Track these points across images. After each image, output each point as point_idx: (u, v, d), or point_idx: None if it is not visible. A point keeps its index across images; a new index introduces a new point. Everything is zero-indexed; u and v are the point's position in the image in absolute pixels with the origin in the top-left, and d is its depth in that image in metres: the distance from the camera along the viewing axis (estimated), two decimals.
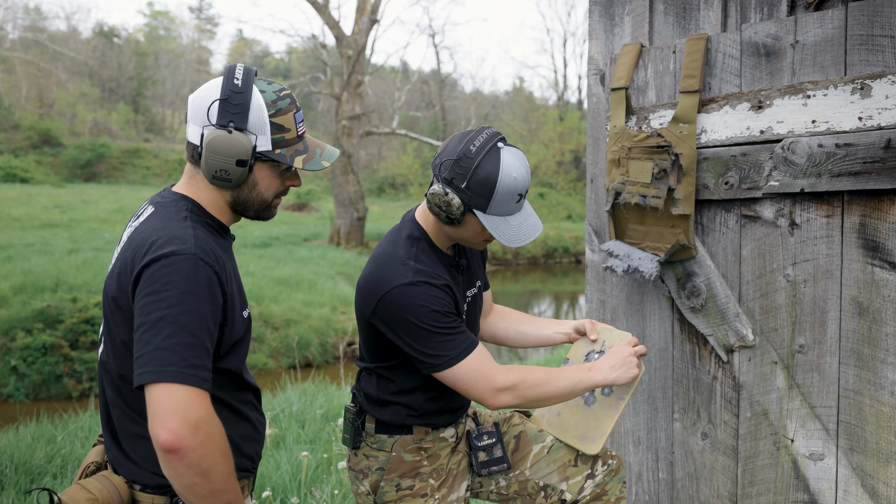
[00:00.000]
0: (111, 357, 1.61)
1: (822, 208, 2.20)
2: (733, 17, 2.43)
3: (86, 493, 1.55)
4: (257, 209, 1.72)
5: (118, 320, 1.57)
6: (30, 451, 4.79)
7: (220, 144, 1.58)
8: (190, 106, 1.64)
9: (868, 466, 2.14)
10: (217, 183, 1.63)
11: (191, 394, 1.42)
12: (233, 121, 1.60)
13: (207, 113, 1.61)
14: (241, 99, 1.61)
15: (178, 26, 58.60)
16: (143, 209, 1.70)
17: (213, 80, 1.66)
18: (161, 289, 1.46)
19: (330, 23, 20.36)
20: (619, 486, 2.21)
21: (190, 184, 1.69)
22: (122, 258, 1.57)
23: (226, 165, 1.60)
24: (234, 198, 1.69)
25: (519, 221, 1.92)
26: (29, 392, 9.78)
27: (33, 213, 21.64)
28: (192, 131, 1.63)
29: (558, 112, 38.22)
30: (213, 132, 1.59)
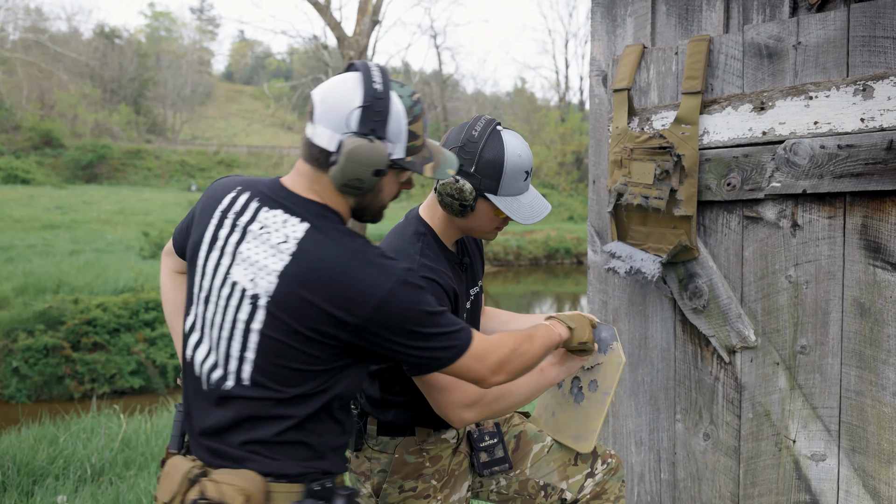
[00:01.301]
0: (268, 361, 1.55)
1: (825, 209, 2.20)
2: (735, 19, 2.43)
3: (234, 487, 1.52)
4: (374, 213, 1.70)
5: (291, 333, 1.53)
6: (32, 453, 4.80)
7: (362, 154, 1.52)
8: (320, 106, 1.57)
9: (870, 467, 2.14)
10: (346, 190, 1.58)
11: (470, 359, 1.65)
12: (375, 129, 1.54)
13: (348, 119, 1.54)
14: (383, 106, 1.55)
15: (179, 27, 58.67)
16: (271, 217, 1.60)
17: (346, 80, 1.58)
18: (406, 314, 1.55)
19: (331, 24, 20.37)
20: (618, 485, 2.21)
21: (314, 189, 1.61)
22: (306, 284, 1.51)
23: (362, 175, 1.54)
24: (357, 204, 1.65)
25: (529, 200, 1.96)
26: (31, 393, 9.80)
27: (34, 215, 21.66)
28: (323, 135, 1.56)
29: (560, 113, 38.24)
30: (354, 140, 1.52)
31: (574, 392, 2.21)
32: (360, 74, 1.57)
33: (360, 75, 1.58)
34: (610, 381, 2.12)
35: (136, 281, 12.54)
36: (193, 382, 1.65)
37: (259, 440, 1.57)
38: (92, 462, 4.75)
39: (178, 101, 47.97)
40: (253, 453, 1.57)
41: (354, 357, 1.61)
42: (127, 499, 4.09)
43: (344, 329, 1.52)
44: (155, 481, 4.34)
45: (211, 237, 1.64)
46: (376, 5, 20.38)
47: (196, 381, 1.64)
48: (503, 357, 1.74)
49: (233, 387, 1.57)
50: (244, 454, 1.57)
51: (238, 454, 1.57)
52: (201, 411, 1.63)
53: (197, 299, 1.65)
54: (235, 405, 1.57)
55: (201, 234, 1.66)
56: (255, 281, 1.55)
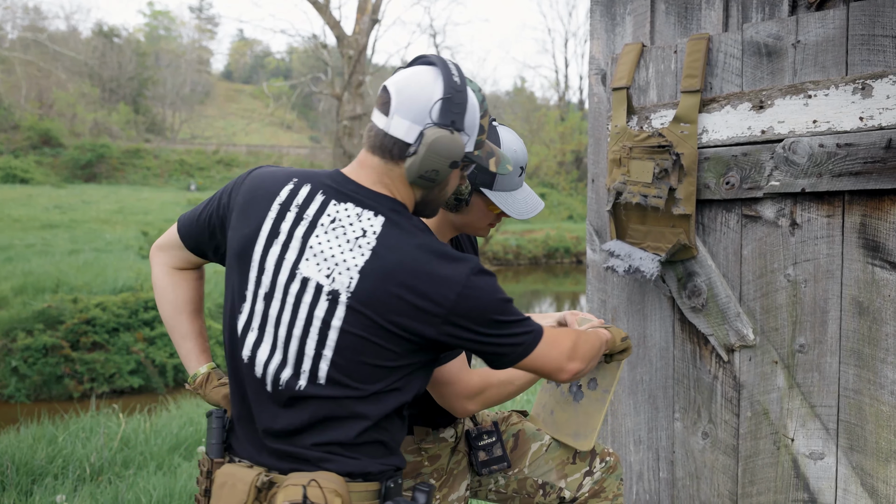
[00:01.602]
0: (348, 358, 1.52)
1: (823, 208, 2.20)
2: (735, 17, 2.43)
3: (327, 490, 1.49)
4: (434, 208, 1.69)
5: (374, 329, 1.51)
6: (31, 452, 4.80)
7: (444, 146, 1.51)
8: (397, 97, 1.55)
9: (868, 465, 2.14)
10: (419, 182, 1.57)
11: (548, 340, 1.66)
12: (454, 121, 1.54)
13: (430, 110, 1.53)
14: (462, 98, 1.55)
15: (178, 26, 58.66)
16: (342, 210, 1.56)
17: (422, 72, 1.58)
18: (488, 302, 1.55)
19: (331, 23, 20.36)
20: (616, 483, 2.21)
21: (383, 182, 1.59)
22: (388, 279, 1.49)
23: (439, 166, 1.53)
24: (423, 197, 1.64)
25: (524, 196, 1.96)
26: (30, 393, 9.80)
27: (33, 214, 21.64)
28: (401, 126, 1.54)
29: (559, 112, 38.24)
30: (436, 131, 1.51)
31: (573, 390, 2.21)
32: (437, 67, 1.57)
33: (436, 68, 1.57)
34: (610, 379, 2.12)
35: (136, 280, 12.54)
36: (254, 384, 1.57)
37: (337, 441, 1.53)
38: (91, 461, 4.75)
39: (178, 100, 47.96)
40: (331, 454, 1.53)
41: (432, 353, 1.59)
42: (126, 498, 4.09)
43: (428, 323, 1.50)
44: (154, 481, 4.34)
45: (270, 230, 1.57)
46: (376, 4, 20.37)
47: (258, 383, 1.57)
48: (573, 342, 1.74)
49: (306, 386, 1.52)
50: (322, 455, 1.53)
51: (314, 455, 1.53)
52: (266, 414, 1.56)
53: (254, 296, 1.57)
54: (310, 405, 1.53)
55: (256, 228, 1.58)
56: (332, 277, 1.51)
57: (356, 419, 1.54)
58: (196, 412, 6.27)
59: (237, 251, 1.60)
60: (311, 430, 1.54)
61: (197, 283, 1.85)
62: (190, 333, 1.82)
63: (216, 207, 1.69)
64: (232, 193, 1.67)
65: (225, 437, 1.68)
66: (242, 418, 1.63)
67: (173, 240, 1.79)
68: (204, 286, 1.88)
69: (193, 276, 1.84)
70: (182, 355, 1.84)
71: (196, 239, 1.74)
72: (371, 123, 1.59)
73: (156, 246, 1.83)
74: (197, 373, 1.82)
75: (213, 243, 1.72)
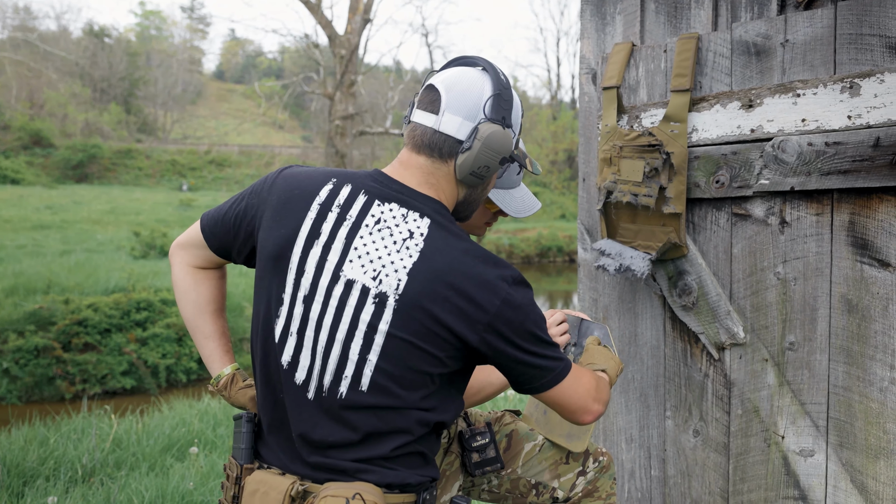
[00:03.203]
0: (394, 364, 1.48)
1: (812, 206, 2.21)
2: (724, 16, 2.44)
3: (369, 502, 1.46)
4: (471, 210, 1.68)
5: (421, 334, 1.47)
6: (22, 454, 4.77)
7: (497, 140, 1.52)
8: (447, 95, 1.53)
9: (857, 462, 2.15)
10: (469, 179, 1.55)
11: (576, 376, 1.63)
12: (505, 117, 1.55)
13: (484, 106, 1.53)
14: (509, 95, 1.56)
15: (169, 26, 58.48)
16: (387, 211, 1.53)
17: (468, 72, 1.58)
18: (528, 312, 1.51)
19: (322, 22, 20.33)
20: (609, 483, 2.22)
21: (429, 182, 1.56)
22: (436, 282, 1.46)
23: (491, 162, 1.53)
24: (466, 196, 1.62)
25: (521, 194, 1.97)
26: (21, 394, 9.75)
27: (24, 215, 21.55)
28: (452, 122, 1.52)
29: (552, 111, 38.29)
30: (490, 126, 1.51)
31: None
32: (482, 67, 1.59)
33: (481, 68, 1.59)
34: None
35: (128, 281, 12.49)
36: (293, 390, 1.52)
37: (378, 455, 1.50)
38: (83, 463, 4.73)
39: (169, 100, 47.81)
40: (370, 464, 1.50)
41: (470, 364, 1.56)
42: (118, 499, 4.08)
43: (472, 329, 1.46)
44: (147, 482, 4.33)
45: (310, 231, 1.52)
46: (367, 4, 20.35)
47: (297, 389, 1.52)
48: (596, 383, 1.71)
49: (347, 393, 1.48)
50: (361, 466, 1.50)
51: (353, 467, 1.50)
52: (305, 422, 1.52)
53: (292, 299, 1.52)
54: (352, 415, 1.49)
55: (294, 229, 1.53)
56: (379, 279, 1.47)
57: (397, 434, 1.51)
58: (188, 413, 6.26)
59: (273, 253, 1.55)
60: (352, 445, 1.51)
61: (219, 283, 1.80)
62: (213, 334, 1.78)
63: (244, 208, 1.64)
64: (262, 193, 1.62)
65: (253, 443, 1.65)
66: (274, 425, 1.59)
67: (196, 238, 1.74)
68: (226, 285, 1.84)
69: (216, 275, 1.80)
70: (205, 356, 1.80)
71: (221, 239, 1.69)
72: (414, 123, 1.57)
73: (176, 244, 1.78)
74: (221, 374, 1.78)
75: (238, 244, 1.67)
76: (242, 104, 52.62)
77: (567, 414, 1.65)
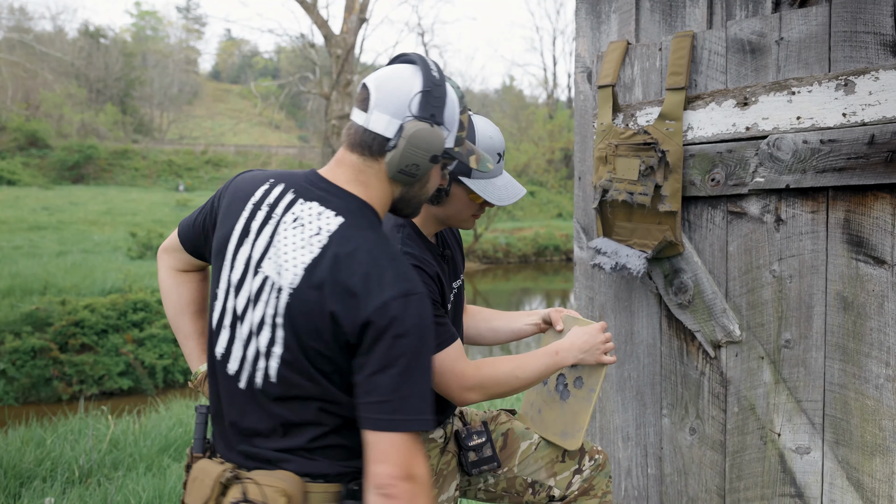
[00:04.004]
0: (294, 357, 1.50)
1: (808, 204, 2.22)
2: (719, 14, 2.44)
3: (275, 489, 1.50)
4: (415, 207, 1.67)
5: (309, 328, 1.48)
6: (19, 455, 4.77)
7: (423, 138, 1.51)
8: (376, 93, 1.54)
9: (853, 459, 2.16)
10: (400, 177, 1.56)
11: (419, 443, 1.45)
12: (434, 114, 1.55)
13: (409, 103, 1.53)
14: (441, 92, 1.56)
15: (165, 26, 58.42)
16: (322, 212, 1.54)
17: (401, 69, 1.58)
18: (410, 331, 1.43)
19: (318, 22, 20.32)
20: (605, 481, 2.22)
21: (358, 180, 1.57)
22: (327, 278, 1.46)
23: (420, 160, 1.53)
24: (402, 194, 1.62)
25: (504, 182, 1.97)
26: (18, 396, 9.74)
27: (21, 216, 21.52)
28: (380, 121, 1.53)
29: (548, 110, 38.27)
30: (415, 124, 1.52)
31: (560, 389, 2.21)
32: (416, 65, 1.58)
33: (415, 66, 1.58)
34: (596, 377, 2.13)
35: (124, 282, 12.48)
36: (226, 381, 1.58)
37: (296, 446, 1.53)
38: (80, 464, 4.73)
39: (165, 100, 47.75)
40: (290, 454, 1.53)
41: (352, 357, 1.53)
42: (115, 500, 4.07)
43: (352, 325, 1.45)
44: (144, 482, 4.32)
45: (242, 229, 1.58)
46: (363, 3, 20.33)
47: (229, 380, 1.58)
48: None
49: (263, 383, 1.52)
50: (282, 456, 1.53)
51: (276, 456, 1.54)
52: (235, 410, 1.57)
53: (225, 294, 1.58)
54: (270, 405, 1.53)
55: (231, 227, 1.60)
56: (281, 273, 1.50)
57: (311, 425, 1.53)
58: (185, 413, 6.25)
59: (215, 251, 1.62)
60: (271, 435, 1.55)
61: (200, 285, 1.88)
62: (192, 333, 1.87)
63: (209, 211, 1.71)
64: (219, 198, 1.69)
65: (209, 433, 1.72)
66: (217, 415, 1.64)
67: (175, 243, 1.82)
68: (207, 287, 1.90)
69: (196, 277, 1.88)
70: (185, 354, 1.90)
71: (193, 242, 1.77)
72: (350, 122, 1.59)
73: (161, 248, 1.88)
74: (197, 371, 1.87)
75: (207, 247, 1.74)
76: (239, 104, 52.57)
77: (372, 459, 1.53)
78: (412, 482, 1.42)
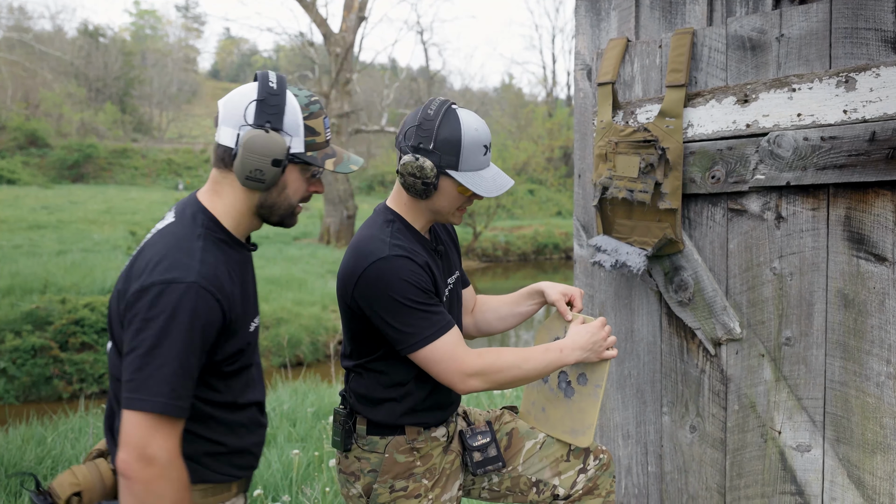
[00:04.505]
0: (114, 357, 1.64)
1: (808, 201, 2.21)
2: (719, 11, 2.43)
3: (71, 478, 1.62)
4: (283, 214, 1.75)
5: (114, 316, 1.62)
6: (20, 453, 4.77)
7: (258, 144, 1.60)
8: (222, 110, 1.66)
9: (854, 457, 2.15)
10: (249, 184, 1.64)
11: (163, 426, 1.49)
12: (269, 121, 1.63)
13: (244, 113, 1.63)
14: (277, 100, 1.64)
15: (164, 25, 58.38)
16: (168, 214, 1.71)
17: (247, 85, 1.69)
18: (158, 315, 1.50)
19: (317, 20, 20.30)
20: (609, 481, 2.22)
21: (213, 190, 1.70)
22: (130, 267, 1.60)
23: (261, 165, 1.61)
24: (261, 201, 1.70)
25: (491, 174, 1.98)
26: (19, 394, 9.73)
27: (20, 215, 21.52)
28: (224, 134, 1.65)
29: (547, 108, 38.24)
30: (250, 132, 1.61)
31: (563, 387, 2.21)
32: (258, 78, 1.68)
33: (258, 80, 1.68)
34: (600, 373, 2.13)
35: None
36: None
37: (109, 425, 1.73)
38: (80, 461, 4.72)
39: (164, 99, 47.72)
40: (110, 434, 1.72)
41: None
42: None
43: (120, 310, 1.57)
44: None
45: None
46: (362, 2, 20.33)
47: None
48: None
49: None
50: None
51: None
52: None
53: None
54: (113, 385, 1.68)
55: None
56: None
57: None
58: None
59: None
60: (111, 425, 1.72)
61: None
62: None
63: None
64: None
65: None
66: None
67: None
68: None
69: None
70: None
71: None
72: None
73: None
74: None
75: None
76: None
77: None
78: (147, 464, 1.47)
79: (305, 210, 28.82)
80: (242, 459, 1.74)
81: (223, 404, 1.67)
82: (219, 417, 1.67)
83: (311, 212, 27.23)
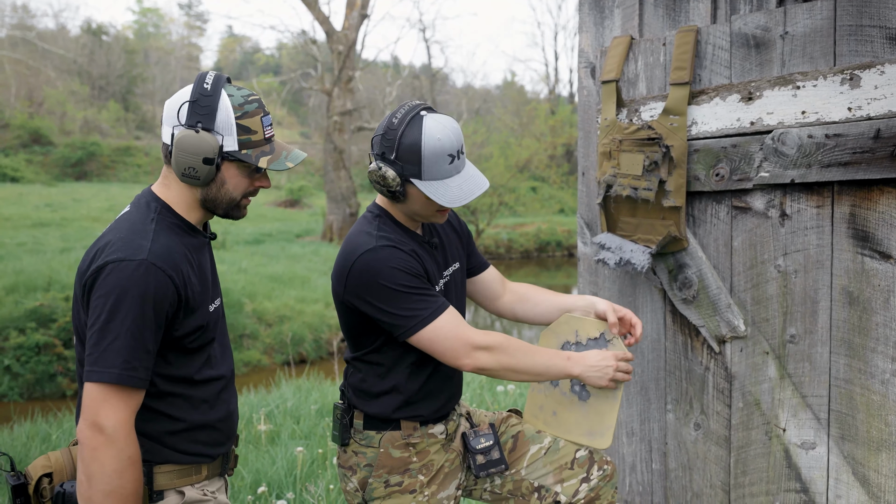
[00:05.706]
0: (77, 342, 1.73)
1: (813, 199, 2.21)
2: (723, 9, 2.43)
3: (44, 461, 1.72)
4: (226, 207, 1.82)
5: (79, 309, 1.71)
6: (25, 451, 4.78)
7: (188, 143, 1.68)
8: (164, 110, 1.76)
9: (859, 454, 2.15)
10: (186, 180, 1.73)
11: (115, 396, 1.59)
12: (200, 121, 1.70)
13: (178, 114, 1.71)
14: (209, 101, 1.71)
15: (167, 23, 58.38)
16: (127, 206, 1.83)
17: (187, 87, 1.77)
18: (110, 292, 1.60)
19: (320, 18, 20.30)
20: (611, 492, 2.20)
21: (163, 183, 1.80)
22: (89, 252, 1.70)
23: (193, 163, 1.69)
24: (203, 196, 1.78)
25: (459, 182, 1.95)
26: (23, 391, 9.76)
27: (24, 213, 21.55)
28: (164, 132, 1.75)
29: (550, 106, 38.17)
30: (182, 132, 1.69)
31: (576, 390, 2.19)
32: (196, 80, 1.75)
33: (195, 81, 1.75)
34: None
35: None
36: None
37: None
38: None
39: (167, 97, 47.63)
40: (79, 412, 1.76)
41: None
42: None
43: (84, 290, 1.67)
44: None
45: None
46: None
47: None
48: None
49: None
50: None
51: None
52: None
53: None
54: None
55: None
56: None
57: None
58: None
59: None
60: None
61: None
62: None
63: None
64: None
65: None
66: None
67: None
68: None
69: None
70: None
71: None
72: None
73: None
74: None
75: None
76: None
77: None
78: (97, 432, 1.57)
79: (307, 208, 28.82)
80: (207, 436, 1.80)
81: (179, 379, 1.75)
82: (177, 392, 1.75)
83: (313, 209, 27.25)
